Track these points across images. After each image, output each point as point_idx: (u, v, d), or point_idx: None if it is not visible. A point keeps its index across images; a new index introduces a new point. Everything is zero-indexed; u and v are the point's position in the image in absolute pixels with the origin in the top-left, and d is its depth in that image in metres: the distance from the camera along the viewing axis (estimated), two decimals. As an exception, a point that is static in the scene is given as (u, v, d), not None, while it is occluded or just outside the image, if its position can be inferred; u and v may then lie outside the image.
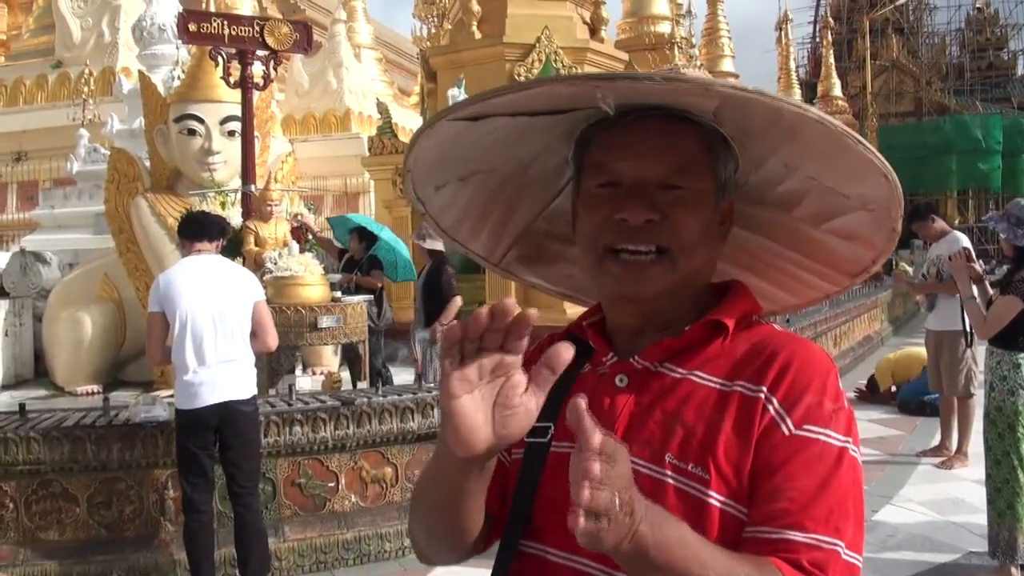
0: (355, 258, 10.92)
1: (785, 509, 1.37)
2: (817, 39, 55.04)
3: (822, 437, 1.41)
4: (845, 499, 1.40)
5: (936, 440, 9.63)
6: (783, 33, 38.75)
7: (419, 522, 1.65)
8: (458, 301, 9.36)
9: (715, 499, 1.40)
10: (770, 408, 1.43)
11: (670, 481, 1.42)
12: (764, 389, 1.45)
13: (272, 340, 6.30)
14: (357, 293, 10.23)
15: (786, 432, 1.41)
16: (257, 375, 6.19)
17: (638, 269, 1.50)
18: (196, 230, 6.24)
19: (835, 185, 1.55)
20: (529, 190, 1.79)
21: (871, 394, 12.61)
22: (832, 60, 37.71)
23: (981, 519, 6.52)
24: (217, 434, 5.84)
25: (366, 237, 10.91)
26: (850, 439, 1.44)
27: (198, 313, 5.79)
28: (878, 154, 1.44)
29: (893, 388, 12.41)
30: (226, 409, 5.80)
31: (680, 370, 1.52)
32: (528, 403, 1.30)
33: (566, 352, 1.27)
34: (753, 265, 1.80)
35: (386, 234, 11.40)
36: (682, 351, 1.54)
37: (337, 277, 10.47)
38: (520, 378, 1.29)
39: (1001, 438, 6.15)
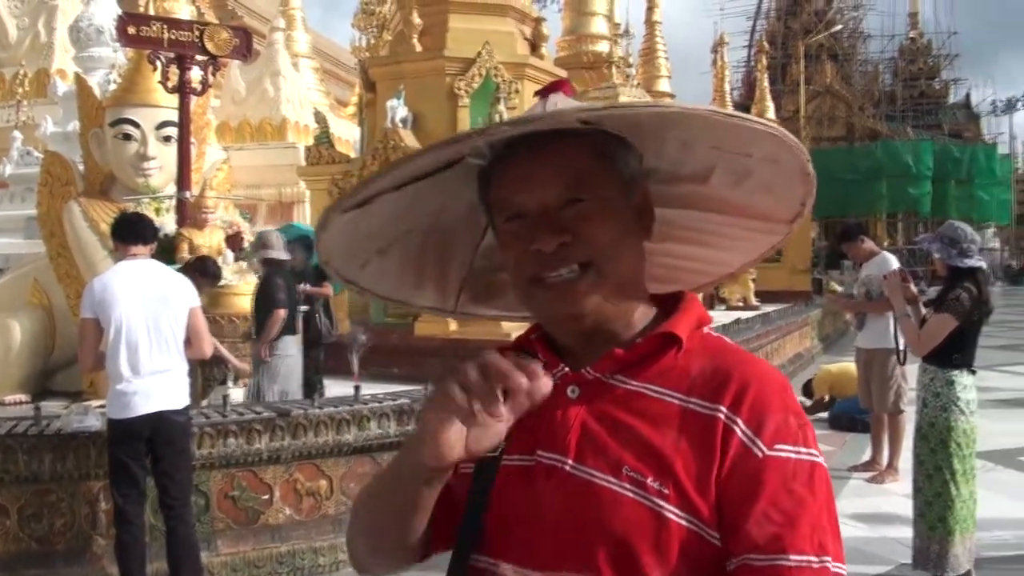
0: (296, 269, 10.70)
1: (772, 534, 1.37)
2: (752, 63, 55.84)
3: (793, 455, 1.41)
4: (822, 513, 1.41)
5: (867, 455, 9.79)
6: (719, 56, 38.95)
7: (362, 531, 1.65)
8: (281, 313, 8.88)
9: (674, 514, 1.38)
10: (736, 430, 1.41)
11: (629, 494, 1.40)
12: (722, 408, 1.43)
13: (207, 347, 6.21)
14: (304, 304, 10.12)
15: (759, 455, 1.40)
16: (189, 386, 6.09)
17: (565, 288, 1.48)
18: (131, 233, 6.10)
19: (735, 149, 1.55)
20: (453, 237, 1.76)
21: (807, 398, 12.82)
22: (766, 83, 37.98)
23: (911, 532, 6.61)
24: (150, 445, 5.73)
25: (309, 248, 10.74)
26: (814, 450, 1.44)
27: (133, 320, 5.68)
28: (754, 118, 1.45)
29: (827, 398, 12.59)
30: (159, 419, 5.69)
31: (633, 382, 1.50)
32: (500, 424, 1.31)
33: (547, 387, 1.30)
34: (693, 237, 1.79)
35: None
36: (634, 363, 1.52)
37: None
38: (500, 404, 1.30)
39: (933, 453, 6.27)
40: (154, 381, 5.70)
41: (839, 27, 56.06)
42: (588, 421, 1.49)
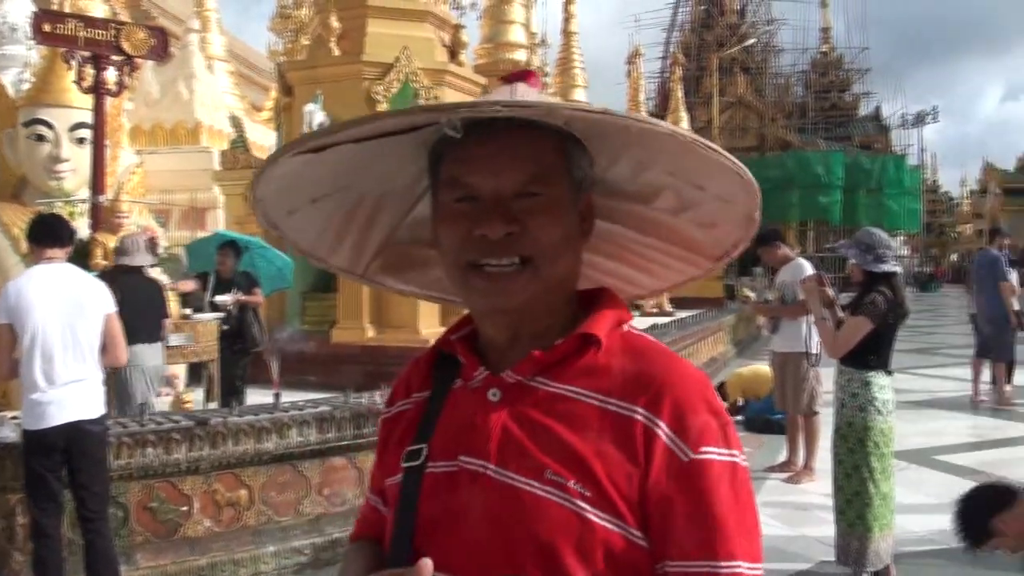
0: (225, 275, 10.50)
1: (701, 539, 1.39)
2: (666, 74, 56.53)
3: (717, 457, 1.43)
4: (745, 512, 1.43)
5: (783, 456, 9.94)
6: (634, 67, 39.41)
7: None
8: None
9: (597, 516, 1.39)
10: (659, 433, 1.42)
11: (552, 498, 1.40)
12: (642, 410, 1.44)
13: (123, 354, 6.07)
14: (213, 311, 9.98)
15: (684, 458, 1.41)
16: (104, 394, 5.95)
17: (503, 280, 1.48)
18: (47, 235, 5.92)
19: (691, 180, 1.57)
20: (386, 202, 1.75)
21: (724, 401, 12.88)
22: (680, 94, 38.52)
23: (829, 530, 6.73)
24: (66, 456, 5.58)
25: (238, 253, 10.57)
26: (736, 450, 1.46)
27: (49, 327, 5.53)
28: (728, 155, 1.47)
29: (740, 402, 12.73)
30: (75, 429, 5.55)
31: (554, 384, 1.50)
32: None
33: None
34: (618, 254, 1.81)
35: (259, 243, 11.17)
36: (554, 364, 1.52)
37: (228, 298, 10.11)
38: None
39: (852, 452, 6.39)
40: (69, 390, 5.56)
41: (752, 41, 57.05)
42: (509, 425, 1.48)
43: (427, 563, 1.33)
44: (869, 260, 6.44)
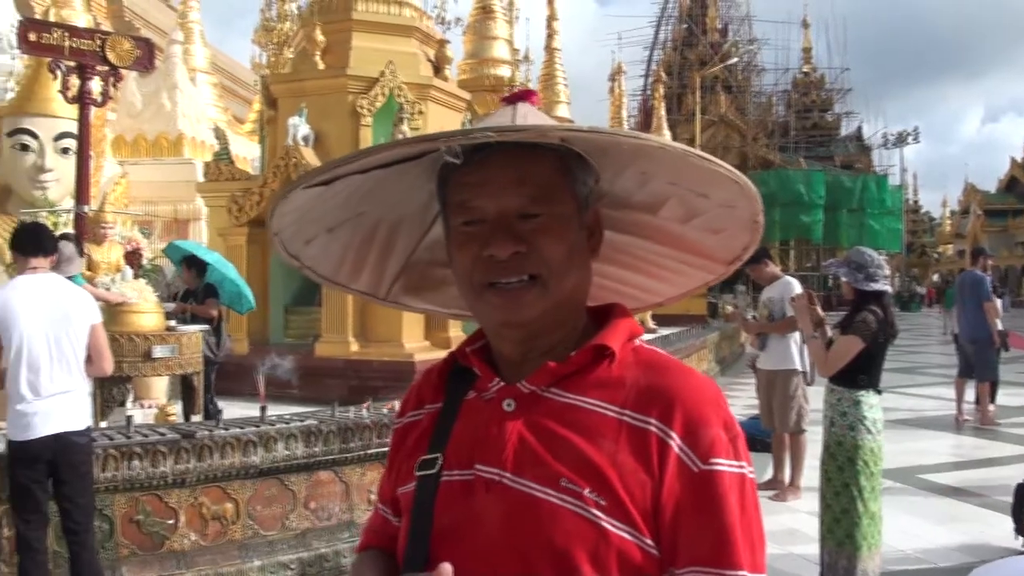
0: (189, 288, 10.57)
1: (710, 550, 1.42)
2: (648, 91, 56.80)
3: (726, 468, 1.45)
4: (752, 523, 1.46)
5: (769, 474, 9.88)
6: (616, 84, 39.55)
7: None
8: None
9: (612, 525, 1.41)
10: (672, 444, 1.44)
11: (568, 506, 1.42)
12: (655, 421, 1.46)
13: (108, 365, 6.01)
14: (194, 323, 9.93)
15: (695, 469, 1.44)
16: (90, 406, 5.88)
17: (515, 296, 1.50)
18: (31, 244, 5.82)
19: (693, 189, 1.60)
20: (402, 226, 1.79)
21: None
22: (663, 112, 38.73)
23: (816, 548, 6.71)
24: (51, 468, 5.51)
25: (196, 265, 10.59)
26: (744, 462, 1.49)
27: (34, 339, 5.46)
28: (721, 163, 1.50)
29: None
30: (60, 441, 5.48)
31: (568, 395, 1.52)
32: None
33: None
34: (631, 263, 1.84)
35: (227, 268, 11.15)
36: (568, 376, 1.54)
37: (171, 306, 10.13)
38: None
39: (841, 470, 6.37)
40: (55, 402, 5.49)
41: (734, 60, 57.27)
42: (524, 434, 1.50)
43: (447, 568, 1.35)
44: (860, 279, 6.45)
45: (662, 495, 1.43)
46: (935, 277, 79.20)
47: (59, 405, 5.51)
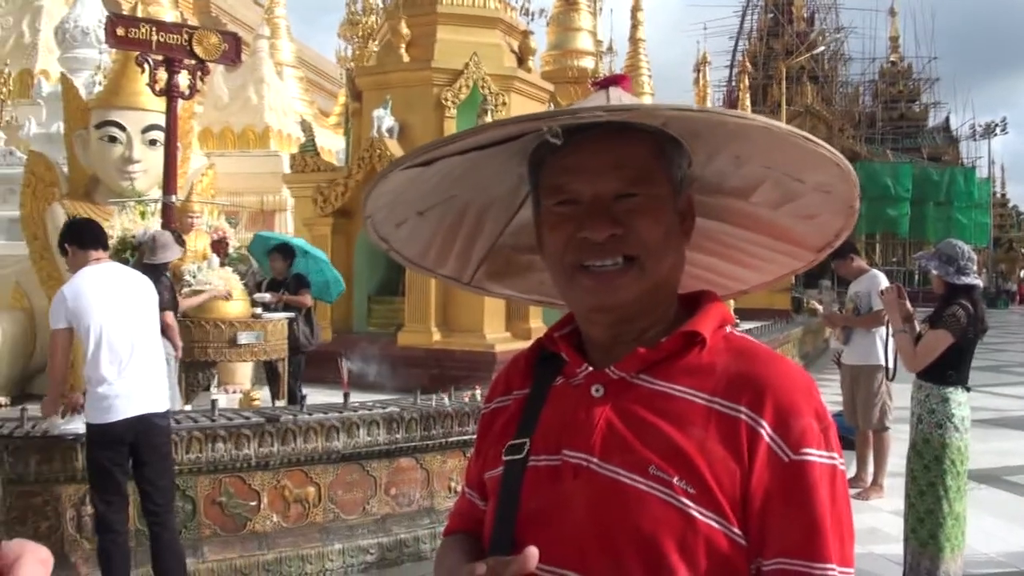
0: (277, 278, 10.69)
1: (798, 540, 1.40)
2: (734, 82, 56.29)
3: (817, 459, 1.42)
4: (842, 515, 1.43)
5: (852, 472, 9.71)
6: (701, 75, 39.34)
7: None
8: (168, 317, 8.44)
9: (701, 513, 1.39)
10: (762, 432, 1.42)
11: (656, 493, 1.41)
12: (745, 409, 1.44)
13: (178, 344, 6.11)
14: (285, 311, 10.07)
15: (785, 459, 1.41)
16: (171, 388, 5.98)
17: (608, 279, 1.50)
18: (91, 238, 5.94)
19: (789, 172, 1.58)
20: (490, 210, 1.79)
21: None
22: (748, 103, 38.42)
23: (898, 548, 6.61)
24: (132, 450, 5.61)
25: (288, 255, 10.71)
26: (836, 453, 1.46)
27: (110, 325, 5.58)
28: (826, 145, 1.48)
29: None
30: (142, 423, 5.58)
31: (658, 381, 1.51)
32: None
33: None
34: (720, 250, 1.83)
35: (317, 253, 11.29)
36: (658, 362, 1.53)
37: (267, 296, 10.25)
38: None
39: (927, 469, 6.26)
40: (136, 383, 5.59)
41: (821, 49, 56.59)
42: (613, 420, 1.49)
43: (533, 551, 1.33)
44: (951, 272, 6.30)
45: (751, 484, 1.41)
46: (1023, 273, 77.46)
47: (141, 387, 5.61)
